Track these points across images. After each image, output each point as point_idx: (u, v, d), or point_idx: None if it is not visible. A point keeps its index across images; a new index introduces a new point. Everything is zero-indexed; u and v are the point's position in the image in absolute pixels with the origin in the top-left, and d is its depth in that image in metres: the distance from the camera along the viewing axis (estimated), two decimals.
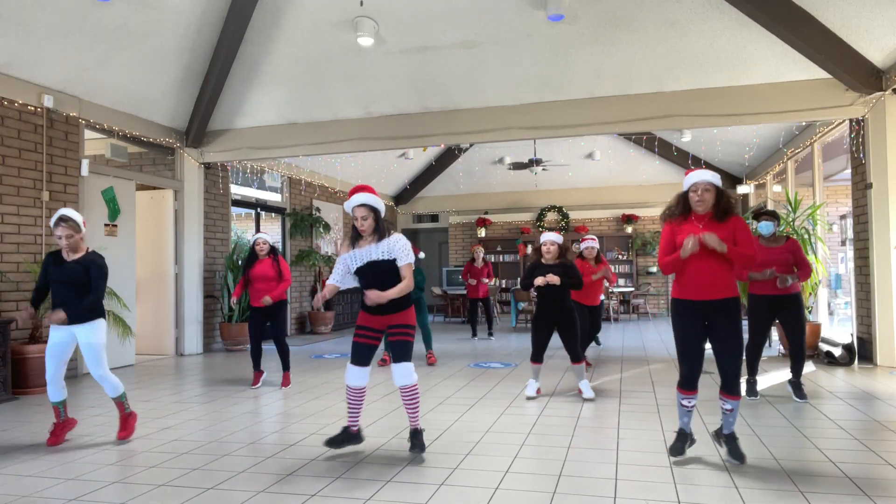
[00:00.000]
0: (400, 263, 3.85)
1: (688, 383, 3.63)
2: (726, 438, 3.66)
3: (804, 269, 5.18)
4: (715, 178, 3.60)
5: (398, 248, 3.84)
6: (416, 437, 3.89)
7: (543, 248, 5.47)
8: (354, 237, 3.92)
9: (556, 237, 5.53)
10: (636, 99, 7.75)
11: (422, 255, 7.21)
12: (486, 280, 10.34)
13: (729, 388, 3.58)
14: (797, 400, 5.19)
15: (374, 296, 3.75)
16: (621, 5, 6.66)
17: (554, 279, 5.28)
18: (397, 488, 3.30)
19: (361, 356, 3.92)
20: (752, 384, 5.41)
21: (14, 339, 6.19)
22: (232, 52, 7.68)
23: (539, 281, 5.32)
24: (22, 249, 6.53)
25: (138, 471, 3.68)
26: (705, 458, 3.73)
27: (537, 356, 5.56)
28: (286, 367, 6.32)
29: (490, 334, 10.36)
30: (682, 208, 3.70)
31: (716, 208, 3.58)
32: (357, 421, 3.99)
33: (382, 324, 3.95)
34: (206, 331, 9.31)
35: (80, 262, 4.30)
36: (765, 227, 5.26)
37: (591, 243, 7.23)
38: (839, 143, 8.18)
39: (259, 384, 6.33)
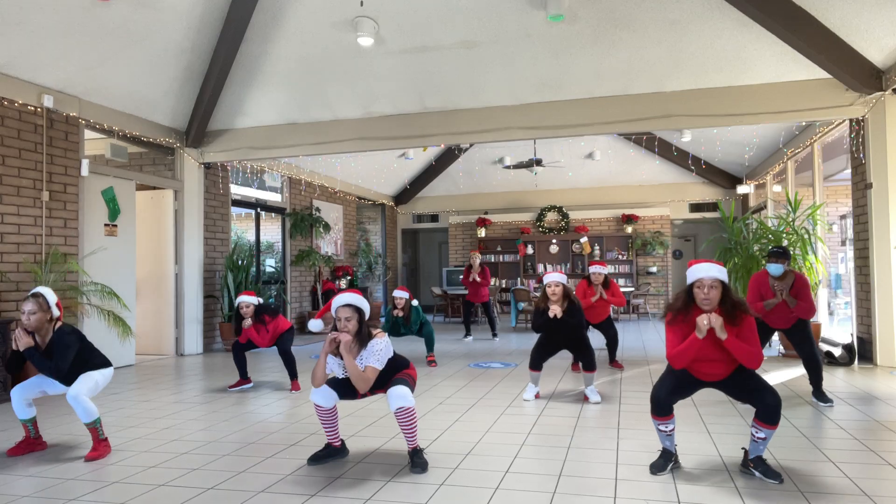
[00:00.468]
0: (362, 364, 3.64)
1: (662, 410, 3.47)
2: (755, 462, 3.42)
3: (803, 306, 5.03)
4: (721, 274, 3.35)
5: (367, 353, 3.64)
6: (416, 455, 3.65)
7: (549, 291, 5.36)
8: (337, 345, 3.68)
9: (560, 277, 5.43)
10: (636, 99, 7.76)
11: (415, 302, 7.41)
12: (479, 280, 10.29)
13: (768, 419, 3.31)
14: (824, 405, 5.07)
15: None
16: (621, 5, 6.67)
17: (557, 312, 5.29)
18: (397, 488, 3.30)
19: (332, 384, 3.79)
20: None
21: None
22: (232, 52, 7.68)
23: (555, 311, 5.30)
24: (22, 249, 6.53)
25: (138, 471, 3.68)
26: (705, 458, 3.73)
27: (537, 365, 5.51)
28: (294, 375, 6.18)
29: (494, 335, 10.34)
30: (685, 304, 3.43)
31: (723, 305, 3.34)
32: (337, 435, 3.83)
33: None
34: (206, 331, 9.31)
35: (48, 349, 4.00)
36: (774, 269, 5.16)
37: (598, 268, 7.17)
38: (839, 143, 8.18)
39: (237, 389, 6.15)
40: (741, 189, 12.91)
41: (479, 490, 3.26)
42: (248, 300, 6.00)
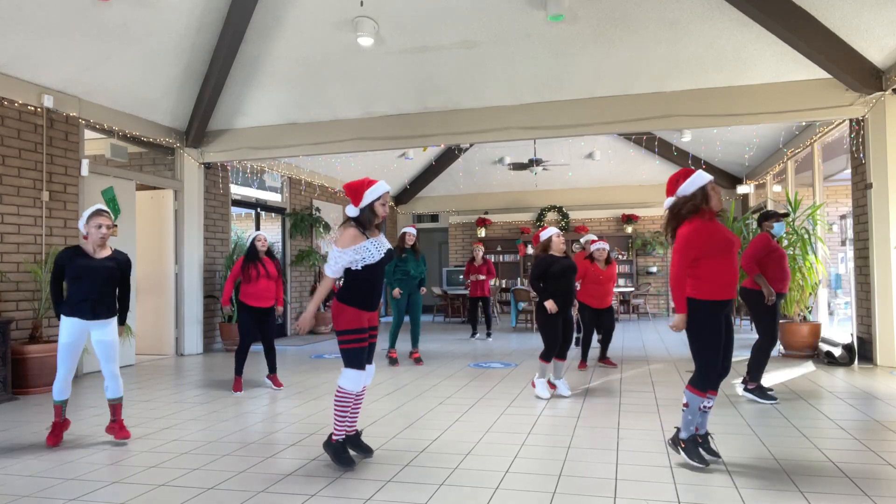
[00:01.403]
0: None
1: (716, 383, 3.60)
2: (704, 438, 3.64)
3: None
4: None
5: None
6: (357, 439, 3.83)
7: (558, 240, 5.54)
8: (364, 227, 3.67)
9: (557, 230, 5.69)
10: (636, 99, 7.76)
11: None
12: (483, 277, 10.27)
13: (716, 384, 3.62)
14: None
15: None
16: (621, 5, 6.67)
17: (552, 307, 5.43)
18: (397, 488, 3.30)
19: (368, 357, 3.78)
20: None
21: (14, 339, 6.20)
22: (232, 52, 7.68)
23: (552, 308, 5.43)
24: (22, 249, 6.53)
25: (138, 471, 3.68)
26: (704, 457, 3.72)
27: (564, 352, 5.60)
28: (273, 369, 6.28)
29: (488, 335, 10.32)
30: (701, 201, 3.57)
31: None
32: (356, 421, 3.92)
33: (371, 321, 3.79)
34: (206, 331, 9.31)
35: (112, 258, 4.33)
36: (779, 228, 5.45)
37: (602, 244, 7.20)
38: (839, 143, 8.18)
39: (242, 391, 6.11)
40: (741, 189, 12.91)
41: (479, 490, 3.26)
42: (265, 234, 6.25)
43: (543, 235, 5.66)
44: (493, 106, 8.24)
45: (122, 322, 4.44)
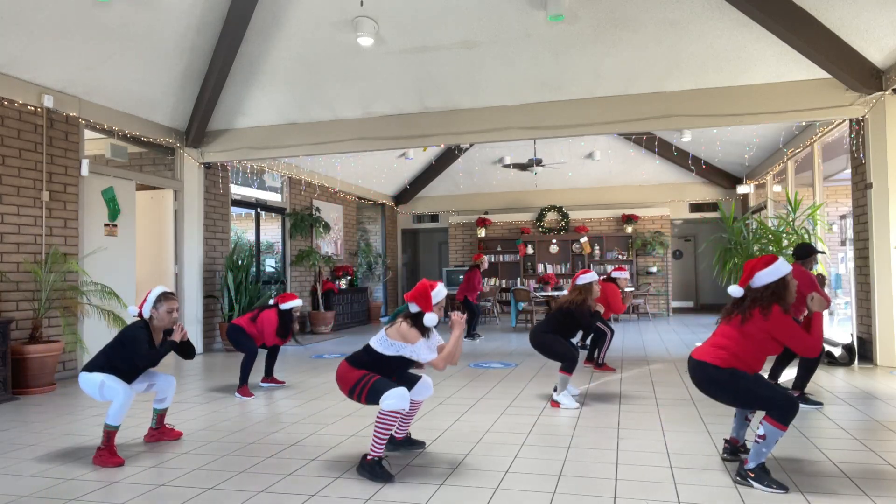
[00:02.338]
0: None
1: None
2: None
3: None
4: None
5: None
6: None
7: (597, 287, 5.53)
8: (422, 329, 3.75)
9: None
10: (636, 99, 7.75)
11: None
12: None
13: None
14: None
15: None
16: (621, 5, 6.66)
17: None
18: (397, 488, 3.30)
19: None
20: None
21: (14, 339, 6.20)
22: (232, 52, 7.68)
23: None
24: (22, 249, 6.53)
25: (138, 471, 3.68)
26: (705, 458, 3.72)
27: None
28: (270, 373, 6.37)
29: (474, 335, 10.28)
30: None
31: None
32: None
33: None
34: (206, 331, 9.31)
35: (165, 343, 4.15)
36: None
37: (625, 273, 7.30)
38: (839, 143, 8.18)
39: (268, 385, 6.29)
40: (741, 189, 12.91)
41: (479, 490, 3.26)
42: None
43: (586, 279, 5.47)
44: (493, 106, 8.24)
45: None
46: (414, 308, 3.74)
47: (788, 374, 6.44)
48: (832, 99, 7.08)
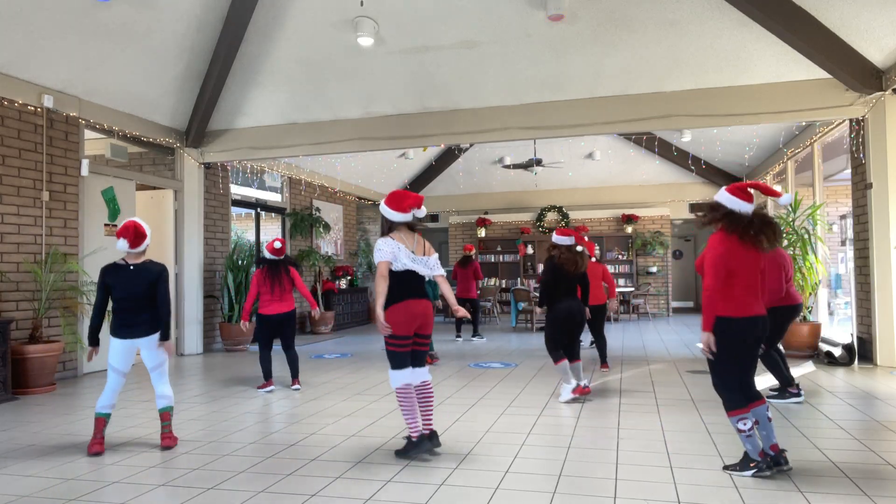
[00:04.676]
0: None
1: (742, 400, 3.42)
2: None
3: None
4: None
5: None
6: (433, 437, 3.90)
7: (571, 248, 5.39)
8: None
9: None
10: (636, 99, 7.75)
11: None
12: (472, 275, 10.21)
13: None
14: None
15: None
16: (621, 5, 6.66)
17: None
18: (397, 488, 3.30)
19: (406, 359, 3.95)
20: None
21: (14, 339, 6.19)
22: (232, 52, 7.68)
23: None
24: (22, 249, 6.53)
25: (138, 471, 3.68)
26: (705, 458, 3.72)
27: (561, 353, 5.33)
28: (296, 374, 6.22)
29: (476, 335, 10.26)
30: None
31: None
32: (418, 421, 3.87)
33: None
34: (206, 331, 9.31)
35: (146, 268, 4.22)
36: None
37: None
38: (839, 143, 8.18)
39: (272, 387, 6.16)
40: None
41: (480, 490, 3.26)
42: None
43: (563, 241, 5.47)
44: (493, 106, 8.24)
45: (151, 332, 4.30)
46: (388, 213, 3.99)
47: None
48: (832, 99, 7.07)
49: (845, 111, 7.07)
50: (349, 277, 12.97)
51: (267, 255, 6.17)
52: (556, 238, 5.47)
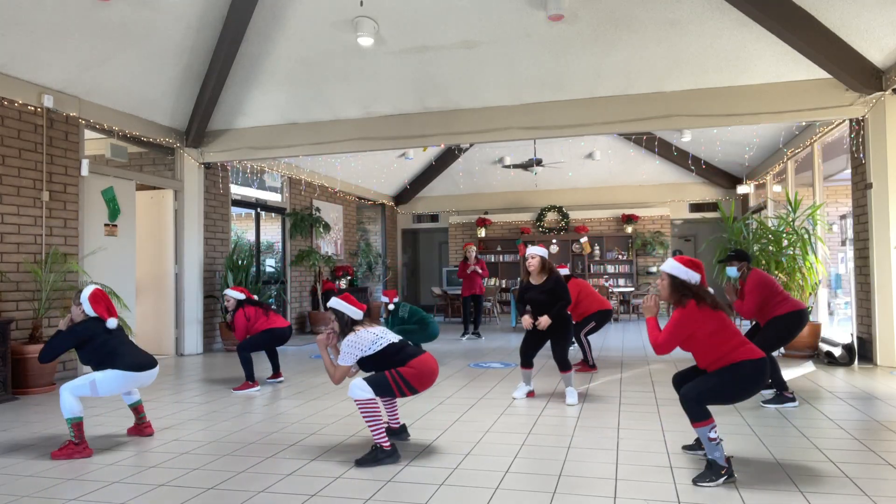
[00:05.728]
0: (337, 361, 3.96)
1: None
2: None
3: (741, 300, 5.13)
4: (668, 268, 3.76)
5: (342, 350, 3.91)
6: (372, 450, 3.80)
7: (527, 263, 5.33)
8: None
9: (539, 250, 5.35)
10: (636, 99, 7.75)
11: (396, 300, 7.42)
12: (479, 270, 10.24)
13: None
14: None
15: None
16: (621, 5, 6.66)
17: (544, 324, 5.24)
18: (397, 488, 3.30)
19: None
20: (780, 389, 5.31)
21: (14, 339, 6.20)
22: (232, 52, 7.68)
23: (526, 324, 5.37)
24: (22, 249, 6.53)
25: (138, 471, 3.68)
26: (705, 458, 3.72)
27: (527, 362, 5.50)
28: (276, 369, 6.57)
29: (477, 334, 10.27)
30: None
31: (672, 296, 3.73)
32: (385, 432, 3.91)
33: None
34: (206, 331, 9.31)
35: None
36: (730, 271, 5.29)
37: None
38: (839, 143, 8.18)
39: (280, 378, 6.56)
40: (741, 189, 12.91)
41: (479, 490, 3.26)
42: (231, 293, 6.44)
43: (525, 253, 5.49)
44: (493, 106, 8.24)
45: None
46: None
47: (790, 375, 6.44)
48: (832, 99, 7.08)
49: (845, 111, 7.07)
50: (349, 277, 12.97)
51: (241, 297, 6.40)
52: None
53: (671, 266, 3.68)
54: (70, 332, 4.16)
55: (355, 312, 3.96)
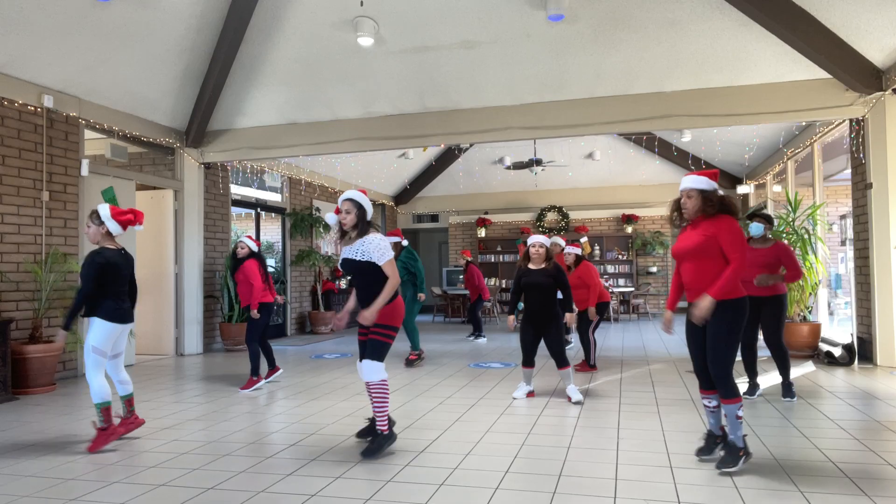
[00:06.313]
0: (380, 263, 3.88)
1: (701, 383, 3.68)
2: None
3: (793, 271, 5.18)
4: (698, 183, 3.54)
5: (372, 248, 3.86)
6: (375, 439, 3.90)
7: (532, 251, 5.41)
8: (341, 234, 4.05)
9: (543, 239, 5.46)
10: (636, 99, 7.75)
11: (405, 242, 7.55)
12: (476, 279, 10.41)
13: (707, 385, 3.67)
14: (784, 400, 5.18)
15: (364, 318, 3.88)
16: (621, 5, 6.66)
17: (570, 320, 5.53)
18: (397, 488, 3.30)
19: (361, 352, 4.06)
20: (753, 386, 5.41)
21: (14, 339, 6.20)
22: (232, 52, 7.68)
23: (510, 325, 5.63)
24: (22, 249, 6.53)
25: (138, 471, 3.68)
26: (705, 458, 3.72)
27: (528, 360, 5.53)
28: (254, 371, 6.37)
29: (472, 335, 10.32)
30: (677, 213, 3.71)
31: (705, 213, 3.54)
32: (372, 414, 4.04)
33: None
34: (206, 331, 9.31)
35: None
36: (755, 228, 5.42)
37: (572, 248, 7.16)
38: (839, 143, 8.18)
39: (279, 370, 6.59)
40: (741, 189, 12.90)
41: (479, 490, 3.26)
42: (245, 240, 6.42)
43: (528, 241, 5.57)
44: (493, 106, 8.24)
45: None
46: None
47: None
48: (832, 99, 7.08)
49: (845, 111, 7.07)
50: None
51: (255, 248, 6.45)
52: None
53: (696, 181, 3.56)
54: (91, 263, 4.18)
55: (371, 213, 4.02)
